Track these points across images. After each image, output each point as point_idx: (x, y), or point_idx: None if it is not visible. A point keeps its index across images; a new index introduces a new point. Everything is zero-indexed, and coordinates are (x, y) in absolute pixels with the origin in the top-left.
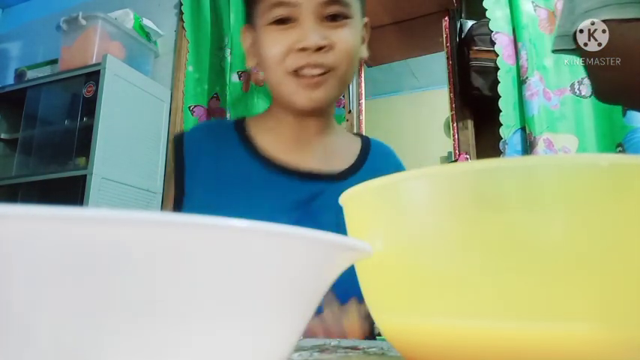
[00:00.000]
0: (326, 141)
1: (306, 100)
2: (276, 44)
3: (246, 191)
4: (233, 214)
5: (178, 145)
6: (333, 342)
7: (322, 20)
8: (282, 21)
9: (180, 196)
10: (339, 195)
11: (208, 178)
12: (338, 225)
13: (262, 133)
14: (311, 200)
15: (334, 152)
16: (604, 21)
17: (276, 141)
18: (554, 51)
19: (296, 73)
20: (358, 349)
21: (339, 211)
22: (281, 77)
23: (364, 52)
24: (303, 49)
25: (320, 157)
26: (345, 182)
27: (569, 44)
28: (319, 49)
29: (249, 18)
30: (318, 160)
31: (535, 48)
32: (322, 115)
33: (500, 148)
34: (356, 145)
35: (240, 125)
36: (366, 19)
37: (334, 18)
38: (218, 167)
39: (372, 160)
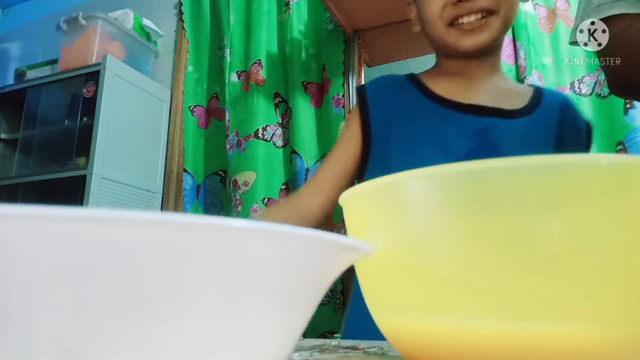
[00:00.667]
0: (494, 82)
1: (469, 44)
2: (433, 2)
3: (427, 125)
4: (418, 146)
5: (361, 92)
6: (333, 342)
7: None
8: None
9: (367, 136)
10: (516, 131)
11: (392, 119)
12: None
13: (434, 81)
14: (488, 130)
15: (504, 93)
16: (618, 15)
17: (447, 86)
18: (572, 43)
19: (454, 23)
20: (358, 349)
21: (522, 144)
22: (442, 30)
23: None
24: (458, 1)
25: (490, 96)
26: (519, 120)
27: (587, 37)
28: None
29: None
30: (489, 99)
31: (534, 47)
32: (487, 57)
33: None
34: (527, 90)
35: (413, 77)
36: None
37: None
38: (399, 110)
39: (548, 103)
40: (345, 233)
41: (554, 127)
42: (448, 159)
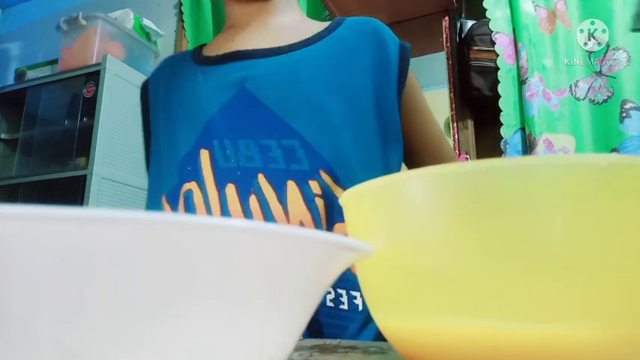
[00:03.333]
0: (274, 23)
1: None
2: None
3: (183, 91)
4: (177, 120)
5: (144, 88)
6: (334, 342)
7: None
8: None
9: (147, 139)
10: (278, 67)
11: (164, 103)
12: (284, 99)
13: (212, 43)
14: (246, 79)
15: (281, 31)
16: None
17: (219, 43)
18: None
19: None
20: (358, 349)
21: (285, 85)
22: None
23: None
24: None
25: (263, 39)
26: (290, 55)
27: None
28: None
29: None
30: (260, 42)
31: (535, 48)
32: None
33: (502, 147)
34: (320, 25)
35: (197, 47)
36: None
37: None
38: (171, 90)
39: (342, 31)
40: None
41: (349, 51)
42: (201, 122)
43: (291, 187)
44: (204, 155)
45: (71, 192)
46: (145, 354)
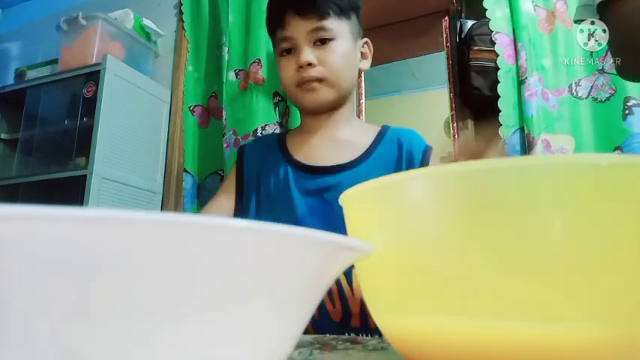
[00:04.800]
0: (339, 135)
1: (309, 102)
2: (286, 68)
3: (279, 185)
4: (273, 204)
5: (240, 152)
6: (332, 336)
7: (314, 45)
8: (288, 51)
9: (240, 191)
10: (350, 181)
11: (261, 176)
12: None
13: (293, 139)
14: (324, 191)
15: (346, 144)
16: None
17: (300, 144)
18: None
19: (300, 84)
20: (357, 343)
21: None
22: (293, 90)
23: (365, 65)
24: (300, 67)
25: (333, 150)
26: (353, 170)
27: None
28: (310, 64)
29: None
30: (332, 152)
31: (534, 48)
32: (330, 112)
33: (500, 148)
34: (371, 135)
35: (281, 136)
36: (365, 40)
37: (322, 42)
38: (265, 167)
39: (383, 147)
40: None
41: (392, 163)
42: (292, 217)
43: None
44: None
45: (71, 192)
46: (145, 354)
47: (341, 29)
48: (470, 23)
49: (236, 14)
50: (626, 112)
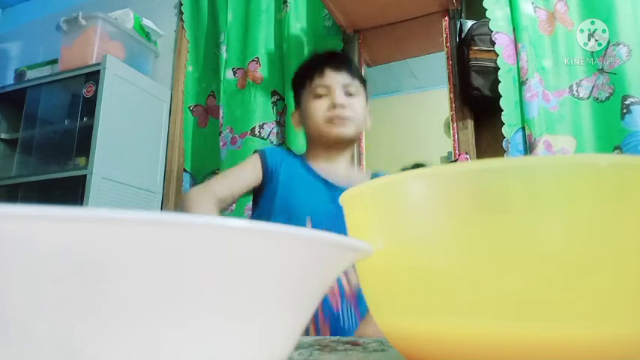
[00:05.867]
0: (349, 169)
1: (335, 134)
2: (319, 107)
3: (302, 190)
4: (295, 204)
5: (262, 154)
6: (333, 338)
7: (345, 94)
8: (320, 95)
9: (264, 185)
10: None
11: (279, 177)
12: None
13: (313, 157)
14: (335, 199)
15: (352, 174)
16: None
17: (318, 161)
18: None
19: (330, 120)
20: (358, 345)
21: None
22: (322, 125)
23: (368, 125)
24: (334, 107)
25: (344, 176)
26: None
27: None
28: (342, 106)
29: (296, 103)
30: (345, 179)
31: (535, 49)
32: (344, 149)
33: (504, 147)
34: (367, 177)
35: (302, 155)
36: (369, 107)
37: (349, 94)
38: (285, 171)
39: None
40: None
41: None
42: (316, 219)
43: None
44: (309, 224)
45: (71, 192)
46: (145, 353)
47: (360, 91)
48: (470, 23)
49: (235, 13)
50: (624, 110)
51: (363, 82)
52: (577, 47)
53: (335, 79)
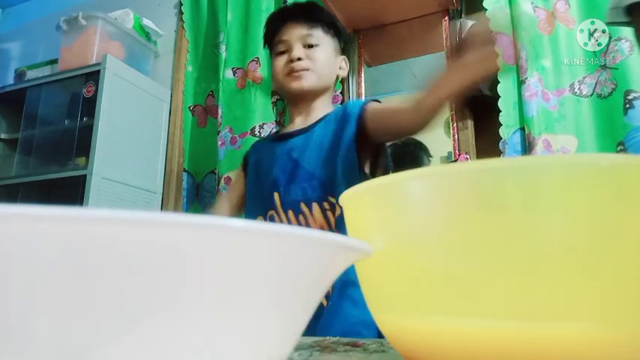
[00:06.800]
0: (313, 115)
1: (295, 87)
2: (279, 63)
3: (270, 160)
4: (262, 179)
5: (248, 151)
6: (332, 339)
7: (303, 47)
8: (282, 53)
9: (244, 178)
10: (311, 140)
11: (253, 163)
12: (307, 159)
13: (290, 121)
14: (290, 150)
15: (314, 117)
16: None
17: (293, 125)
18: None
19: (289, 74)
20: (358, 346)
21: (307, 151)
22: (282, 79)
23: (342, 73)
24: (291, 61)
25: (302, 123)
26: (309, 132)
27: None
28: (299, 59)
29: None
30: (302, 124)
31: (534, 49)
32: (311, 100)
33: (500, 148)
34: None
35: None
36: (343, 57)
37: (310, 46)
38: (258, 157)
39: (333, 113)
40: None
41: (334, 122)
42: (269, 181)
43: (315, 206)
44: (277, 196)
45: (71, 192)
46: (144, 354)
47: (325, 41)
48: (470, 23)
49: (235, 13)
50: (627, 105)
51: (331, 29)
52: (577, 47)
53: (292, 33)
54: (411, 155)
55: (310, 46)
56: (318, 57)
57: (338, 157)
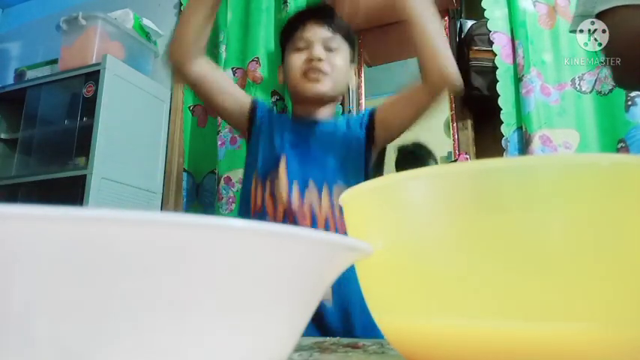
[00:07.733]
0: (317, 118)
1: (310, 90)
2: (297, 60)
3: (282, 130)
4: (280, 140)
5: (253, 103)
6: (333, 339)
7: (325, 49)
8: (299, 50)
9: (250, 134)
10: (323, 130)
11: (266, 130)
12: (341, 144)
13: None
14: (303, 129)
15: (324, 116)
16: (625, 6)
17: (298, 112)
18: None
19: (306, 74)
20: (358, 347)
21: (330, 137)
22: (297, 79)
23: (352, 80)
24: (311, 60)
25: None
26: (327, 124)
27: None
28: (319, 59)
29: (283, 58)
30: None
31: (533, 44)
32: (323, 106)
33: (503, 146)
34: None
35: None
36: (354, 65)
37: (329, 50)
38: (272, 125)
39: (347, 115)
40: None
41: (346, 124)
42: (279, 146)
43: (324, 188)
44: (282, 163)
45: (71, 192)
46: (144, 354)
47: (343, 47)
48: (470, 23)
49: (235, 12)
50: (629, 102)
51: (349, 38)
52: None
53: (315, 33)
54: (416, 159)
55: (329, 50)
56: (337, 63)
57: (347, 153)
